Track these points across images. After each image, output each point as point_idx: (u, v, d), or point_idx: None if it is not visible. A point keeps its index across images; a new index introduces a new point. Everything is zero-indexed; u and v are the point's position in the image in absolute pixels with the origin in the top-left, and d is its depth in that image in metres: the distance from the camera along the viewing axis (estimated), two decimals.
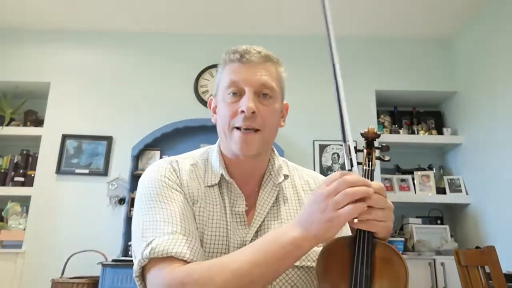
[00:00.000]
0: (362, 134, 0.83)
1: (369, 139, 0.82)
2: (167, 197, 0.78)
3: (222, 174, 0.84)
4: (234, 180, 0.84)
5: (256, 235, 0.80)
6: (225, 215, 0.81)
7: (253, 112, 0.79)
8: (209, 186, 0.83)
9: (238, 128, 0.80)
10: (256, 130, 0.80)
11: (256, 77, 0.81)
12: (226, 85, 0.82)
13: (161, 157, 3.07)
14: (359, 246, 0.68)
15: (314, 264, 0.77)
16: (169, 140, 3.10)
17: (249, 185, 0.86)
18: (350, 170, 0.68)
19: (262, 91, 0.82)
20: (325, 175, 3.05)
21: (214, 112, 0.89)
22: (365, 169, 0.77)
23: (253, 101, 0.79)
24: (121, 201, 2.95)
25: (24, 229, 2.89)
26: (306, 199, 0.86)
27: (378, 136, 0.84)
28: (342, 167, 3.00)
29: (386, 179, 3.14)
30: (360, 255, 0.67)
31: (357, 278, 0.66)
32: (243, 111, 0.79)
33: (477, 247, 2.74)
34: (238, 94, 0.81)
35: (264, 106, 0.81)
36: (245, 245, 0.77)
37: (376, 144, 0.84)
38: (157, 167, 0.84)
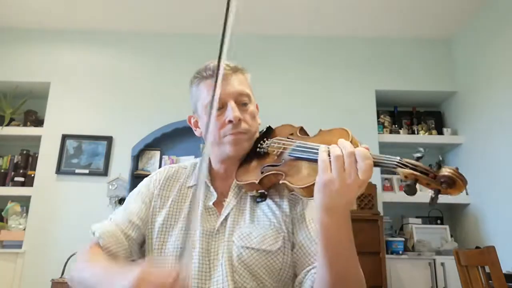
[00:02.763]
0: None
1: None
2: (135, 194, 0.99)
3: None
4: (217, 180, 0.97)
5: (225, 222, 0.90)
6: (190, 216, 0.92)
7: (239, 120, 0.90)
8: (189, 187, 0.97)
9: (229, 135, 0.91)
10: (244, 133, 0.91)
11: (233, 88, 0.92)
12: (207, 102, 0.91)
13: (161, 157, 3.07)
14: None
15: (270, 248, 0.85)
16: (169, 140, 3.10)
17: (230, 181, 0.96)
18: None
19: (241, 100, 0.92)
20: None
21: (197, 127, 1.01)
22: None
23: (237, 110, 0.90)
24: (121, 201, 2.95)
25: (24, 229, 2.89)
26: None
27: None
28: None
29: (386, 179, 3.14)
30: None
31: None
32: (230, 121, 0.89)
33: (477, 247, 2.74)
34: (220, 107, 0.90)
35: (245, 112, 0.92)
36: (213, 231, 0.88)
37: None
38: (161, 170, 1.03)
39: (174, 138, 3.09)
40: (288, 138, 0.90)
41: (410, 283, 2.67)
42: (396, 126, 3.32)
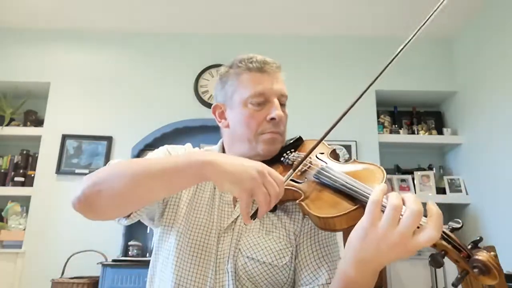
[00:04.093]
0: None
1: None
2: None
3: None
4: None
5: (234, 224, 0.87)
6: (212, 202, 0.89)
7: (281, 119, 0.87)
8: None
9: (266, 133, 0.87)
10: (280, 135, 0.89)
11: (277, 86, 0.88)
12: (250, 94, 0.86)
13: None
14: None
15: (277, 262, 0.81)
16: (169, 140, 3.10)
17: None
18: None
19: (281, 101, 0.89)
20: None
21: (222, 118, 0.94)
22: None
23: (280, 108, 0.87)
24: None
25: (24, 229, 2.89)
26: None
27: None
28: None
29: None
30: None
31: None
32: (273, 118, 0.85)
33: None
34: (262, 103, 0.87)
35: (283, 114, 0.89)
36: (221, 229, 0.86)
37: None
38: (181, 146, 1.01)
39: (174, 138, 3.09)
40: (317, 157, 0.85)
41: (410, 283, 2.67)
42: (396, 126, 3.31)
